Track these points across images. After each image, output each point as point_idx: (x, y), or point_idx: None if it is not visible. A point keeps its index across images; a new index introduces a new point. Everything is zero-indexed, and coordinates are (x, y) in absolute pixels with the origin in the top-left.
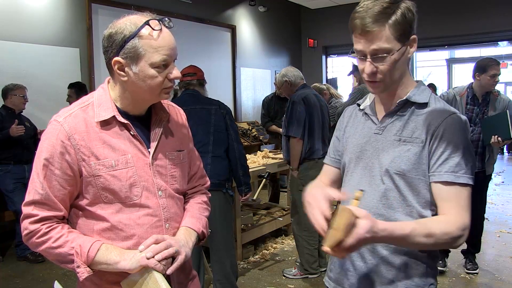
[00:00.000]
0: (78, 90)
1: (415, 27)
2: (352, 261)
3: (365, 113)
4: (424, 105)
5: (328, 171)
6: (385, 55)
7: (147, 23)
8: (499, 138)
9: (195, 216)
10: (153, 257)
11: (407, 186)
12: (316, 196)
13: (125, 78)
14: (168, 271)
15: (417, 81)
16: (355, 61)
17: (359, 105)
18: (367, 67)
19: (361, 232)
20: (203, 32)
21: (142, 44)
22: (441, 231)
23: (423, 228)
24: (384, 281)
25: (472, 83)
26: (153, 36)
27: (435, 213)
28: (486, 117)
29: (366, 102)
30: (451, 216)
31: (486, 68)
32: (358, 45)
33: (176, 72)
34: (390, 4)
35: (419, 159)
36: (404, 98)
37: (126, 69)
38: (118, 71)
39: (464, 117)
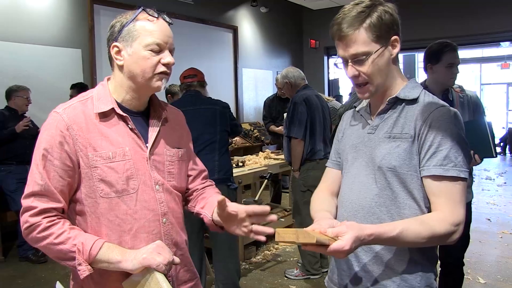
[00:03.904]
0: (80, 90)
1: (397, 28)
2: (347, 261)
3: (361, 115)
4: (414, 101)
5: (330, 175)
6: (364, 57)
7: (143, 9)
8: (476, 156)
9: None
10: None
11: (400, 183)
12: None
13: (121, 62)
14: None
15: (409, 79)
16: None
17: (356, 107)
18: (349, 70)
19: (348, 246)
20: (204, 33)
21: (137, 28)
22: (431, 229)
23: (412, 229)
24: (379, 281)
25: (425, 80)
26: (148, 20)
27: (429, 209)
28: None
29: (363, 104)
30: (443, 213)
31: (440, 55)
32: (339, 51)
33: (169, 58)
34: (365, 8)
35: (410, 155)
36: (394, 95)
37: (122, 52)
38: (115, 55)
39: (453, 109)
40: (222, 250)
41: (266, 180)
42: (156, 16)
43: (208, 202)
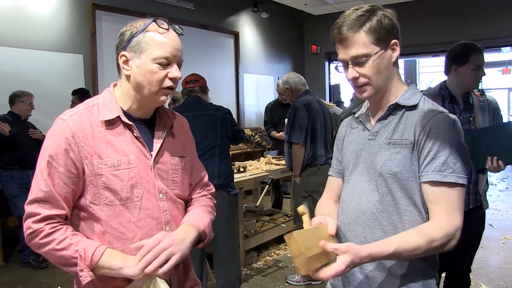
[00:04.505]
0: (81, 96)
1: (396, 32)
2: None
3: (360, 121)
4: (414, 107)
5: (333, 184)
6: (364, 59)
7: (154, 20)
8: (500, 162)
9: (198, 214)
10: (151, 267)
11: (401, 189)
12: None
13: (128, 72)
14: (160, 271)
15: (409, 85)
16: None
17: (355, 113)
18: (349, 72)
19: (342, 268)
20: (206, 38)
21: (147, 39)
22: (428, 240)
23: (408, 242)
24: (381, 287)
25: (445, 81)
26: (158, 32)
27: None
28: (474, 128)
29: (362, 110)
30: (440, 220)
31: (468, 57)
32: (340, 54)
33: (177, 73)
34: (365, 12)
35: (410, 161)
36: (394, 102)
37: (130, 62)
38: (122, 64)
39: (453, 116)
40: (223, 256)
41: (267, 186)
42: (167, 28)
43: (187, 216)
